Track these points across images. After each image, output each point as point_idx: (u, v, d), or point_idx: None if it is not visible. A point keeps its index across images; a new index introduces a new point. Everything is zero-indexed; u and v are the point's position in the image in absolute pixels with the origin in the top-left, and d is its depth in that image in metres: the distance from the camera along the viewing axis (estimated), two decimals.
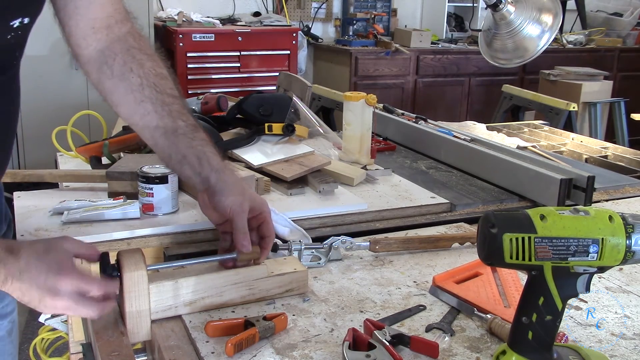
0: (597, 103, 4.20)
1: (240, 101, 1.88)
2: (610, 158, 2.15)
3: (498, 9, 1.63)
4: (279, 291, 1.04)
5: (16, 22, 0.90)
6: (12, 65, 0.98)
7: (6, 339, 1.15)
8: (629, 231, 0.76)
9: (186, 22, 4.26)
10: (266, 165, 1.59)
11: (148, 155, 1.61)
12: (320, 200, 1.48)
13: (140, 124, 1.06)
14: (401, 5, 5.54)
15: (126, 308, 0.93)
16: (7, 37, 0.91)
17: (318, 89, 3.04)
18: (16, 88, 1.01)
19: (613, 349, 0.93)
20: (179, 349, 0.90)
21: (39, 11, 0.95)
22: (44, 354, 1.86)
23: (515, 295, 1.06)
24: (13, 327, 1.17)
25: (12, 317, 1.16)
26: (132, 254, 0.94)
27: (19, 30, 0.92)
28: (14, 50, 0.97)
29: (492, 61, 1.77)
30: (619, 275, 1.18)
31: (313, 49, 5.27)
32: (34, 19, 0.94)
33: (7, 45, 0.93)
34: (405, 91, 5.05)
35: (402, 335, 0.89)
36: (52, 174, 1.54)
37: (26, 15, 0.91)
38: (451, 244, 1.29)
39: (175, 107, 1.05)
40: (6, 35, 0.91)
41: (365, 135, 1.76)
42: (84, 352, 1.03)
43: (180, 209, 1.38)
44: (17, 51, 0.98)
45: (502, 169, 1.66)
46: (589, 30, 5.68)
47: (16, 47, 0.96)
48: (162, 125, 1.04)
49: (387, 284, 1.12)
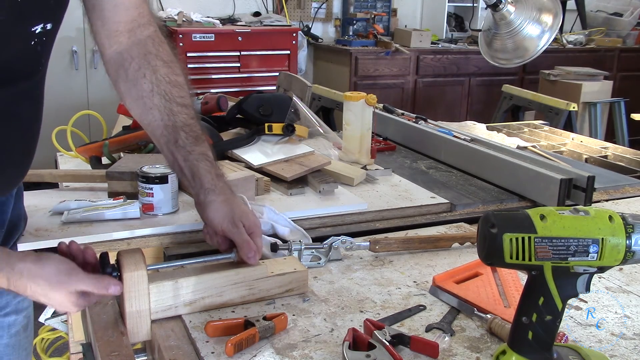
0: (597, 103, 4.20)
1: (240, 101, 1.88)
2: (610, 158, 2.15)
3: (498, 9, 1.63)
4: (279, 291, 1.04)
5: (38, 28, 0.91)
6: (37, 71, 0.99)
7: (22, 334, 1.16)
8: (629, 231, 0.76)
9: (186, 22, 4.25)
10: (266, 165, 1.59)
11: (148, 155, 1.61)
12: (320, 200, 1.48)
13: (148, 130, 1.09)
14: (401, 5, 5.54)
15: (126, 308, 0.93)
16: (31, 43, 0.93)
17: (318, 89, 3.04)
18: (41, 93, 1.04)
19: (613, 349, 0.93)
20: (179, 349, 0.90)
21: (61, 16, 0.96)
22: (44, 354, 1.86)
23: (515, 295, 1.06)
24: (29, 322, 1.18)
25: (27, 312, 1.17)
26: (132, 254, 0.94)
27: (43, 36, 0.93)
28: (40, 57, 0.98)
29: (492, 61, 1.77)
30: (619, 275, 1.18)
31: (313, 49, 5.27)
32: (57, 25, 0.95)
33: (32, 52, 0.94)
34: (405, 91, 5.04)
35: (402, 335, 0.89)
36: (52, 174, 1.54)
37: (47, 21, 0.93)
38: (451, 244, 1.29)
39: (181, 117, 1.06)
40: (29, 41, 0.92)
41: (365, 135, 1.76)
42: (84, 352, 1.04)
43: (180, 209, 1.38)
44: (43, 57, 0.99)
45: (502, 169, 1.66)
46: (589, 30, 5.68)
47: (42, 53, 0.98)
48: (166, 134, 1.06)
49: (387, 284, 1.12)
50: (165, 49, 1.10)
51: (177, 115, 1.06)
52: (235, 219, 1.01)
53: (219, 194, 1.04)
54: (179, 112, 1.06)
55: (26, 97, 0.99)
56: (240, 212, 1.03)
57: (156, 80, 1.06)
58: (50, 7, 0.93)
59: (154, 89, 1.06)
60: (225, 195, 1.04)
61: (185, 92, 1.08)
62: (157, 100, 1.06)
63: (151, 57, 1.07)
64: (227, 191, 1.05)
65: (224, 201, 1.04)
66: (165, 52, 1.09)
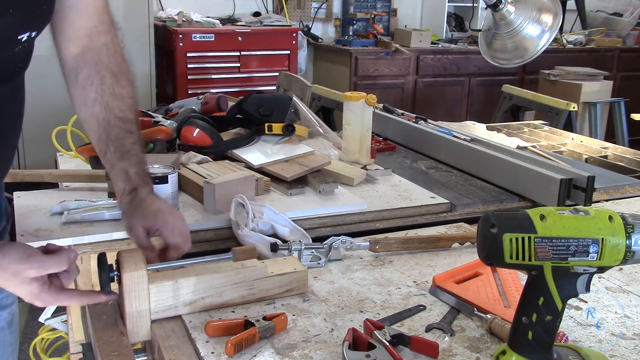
0: (597, 103, 4.20)
1: (240, 101, 1.88)
2: (610, 158, 2.15)
3: (498, 9, 1.63)
4: (279, 291, 1.04)
5: (24, 36, 0.95)
6: (18, 73, 1.03)
7: (6, 330, 1.17)
8: (629, 231, 0.76)
9: (186, 22, 4.25)
10: (266, 165, 1.59)
11: (148, 156, 1.61)
12: (320, 200, 1.48)
13: (87, 136, 1.13)
14: (401, 5, 5.53)
15: (126, 308, 0.93)
16: (15, 50, 0.97)
17: (318, 89, 3.04)
18: (22, 94, 1.08)
19: (613, 349, 0.93)
20: (179, 349, 0.90)
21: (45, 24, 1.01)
22: (44, 354, 1.86)
23: (515, 295, 1.06)
24: (13, 318, 1.19)
25: (11, 309, 1.18)
26: (132, 254, 0.94)
27: (26, 42, 0.97)
28: (20, 61, 1.02)
29: (492, 61, 1.77)
30: (619, 275, 1.18)
31: (313, 49, 5.27)
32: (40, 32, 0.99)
33: (14, 57, 0.99)
34: (405, 91, 5.04)
35: (402, 335, 0.89)
36: (52, 174, 1.54)
37: (34, 29, 0.96)
38: (451, 244, 1.29)
39: (115, 130, 1.09)
40: (14, 48, 0.96)
41: (365, 135, 1.76)
42: (84, 352, 1.04)
43: (180, 209, 1.38)
44: (22, 62, 1.03)
45: (502, 169, 1.66)
46: (589, 30, 5.67)
47: (23, 57, 1.02)
48: (99, 145, 1.10)
49: (387, 284, 1.12)
50: (116, 60, 1.12)
51: (112, 127, 1.09)
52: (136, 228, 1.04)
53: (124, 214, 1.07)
54: (115, 124, 1.09)
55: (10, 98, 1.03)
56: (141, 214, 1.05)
57: (101, 90, 1.09)
58: (39, 17, 0.97)
59: (97, 99, 1.09)
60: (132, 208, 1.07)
61: (125, 106, 1.10)
62: (98, 110, 1.09)
63: (101, 67, 1.10)
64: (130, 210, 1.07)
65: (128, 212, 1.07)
66: (116, 63, 1.11)
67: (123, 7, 3.94)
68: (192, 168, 1.54)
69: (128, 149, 1.09)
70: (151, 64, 4.07)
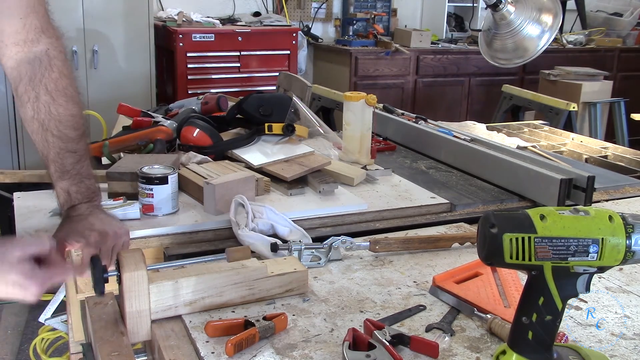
0: (597, 103, 4.20)
1: (240, 101, 1.88)
2: (610, 158, 2.15)
3: (498, 9, 1.63)
4: (279, 291, 1.04)
5: None
6: None
7: None
8: (629, 231, 0.76)
9: (186, 22, 4.25)
10: (266, 165, 1.59)
11: (148, 156, 1.61)
12: (320, 200, 1.48)
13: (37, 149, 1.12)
14: (401, 5, 5.53)
15: (126, 308, 0.93)
16: None
17: (318, 89, 3.04)
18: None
19: (613, 349, 0.93)
20: (179, 349, 0.90)
21: None
22: (44, 354, 1.86)
23: (515, 295, 1.06)
24: None
25: None
26: (132, 254, 0.94)
27: None
28: None
29: (492, 61, 1.77)
30: (619, 275, 1.18)
31: (313, 49, 5.27)
32: None
33: None
34: (405, 91, 5.04)
35: (402, 335, 0.89)
36: None
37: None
38: (451, 244, 1.29)
39: (54, 150, 1.07)
40: None
41: (365, 135, 1.76)
42: (84, 352, 1.03)
43: (180, 210, 1.38)
44: None
45: (502, 169, 1.66)
46: (589, 30, 5.67)
47: None
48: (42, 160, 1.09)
49: (387, 284, 1.12)
50: (52, 76, 1.07)
51: (50, 146, 1.07)
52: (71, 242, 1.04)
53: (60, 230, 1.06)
54: (53, 144, 1.07)
55: None
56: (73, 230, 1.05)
57: (37, 108, 1.06)
58: None
59: (35, 116, 1.07)
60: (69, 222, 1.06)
61: (64, 125, 1.07)
62: (36, 127, 1.07)
63: (35, 83, 1.06)
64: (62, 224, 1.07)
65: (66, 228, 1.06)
66: (52, 80, 1.07)
67: (123, 7, 3.94)
68: (192, 168, 1.54)
69: (68, 169, 1.07)
70: (151, 64, 4.07)
